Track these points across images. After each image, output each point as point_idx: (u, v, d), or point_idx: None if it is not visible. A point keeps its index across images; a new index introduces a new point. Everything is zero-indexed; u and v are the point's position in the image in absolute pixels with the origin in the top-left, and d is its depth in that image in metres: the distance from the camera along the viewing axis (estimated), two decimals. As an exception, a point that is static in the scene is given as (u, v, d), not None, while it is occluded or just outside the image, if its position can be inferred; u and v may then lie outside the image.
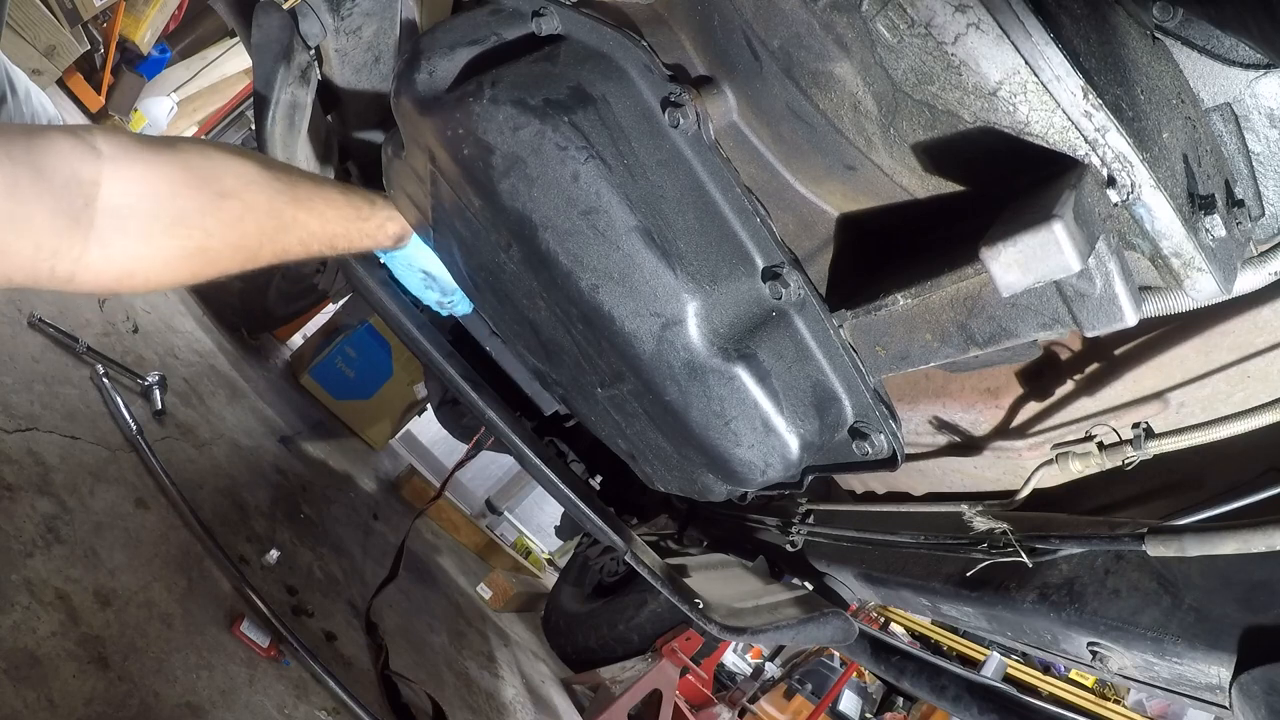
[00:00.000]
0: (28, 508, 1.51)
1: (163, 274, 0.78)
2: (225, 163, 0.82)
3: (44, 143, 0.66)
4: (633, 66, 0.83)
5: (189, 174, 0.77)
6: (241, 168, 0.83)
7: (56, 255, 0.67)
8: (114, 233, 0.71)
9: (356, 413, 4.24)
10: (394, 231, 1.11)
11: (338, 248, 1.00)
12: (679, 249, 0.83)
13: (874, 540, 1.38)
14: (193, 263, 0.79)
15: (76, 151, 0.68)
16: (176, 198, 0.76)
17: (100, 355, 2.22)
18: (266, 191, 0.85)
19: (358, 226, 1.03)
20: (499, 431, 1.31)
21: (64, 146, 0.67)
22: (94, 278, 0.71)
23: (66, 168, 0.67)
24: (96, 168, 0.69)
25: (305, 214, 0.91)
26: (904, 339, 0.85)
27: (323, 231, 0.94)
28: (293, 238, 0.90)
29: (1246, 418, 0.78)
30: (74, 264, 0.69)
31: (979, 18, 0.62)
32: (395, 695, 2.12)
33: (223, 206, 0.80)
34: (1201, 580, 0.91)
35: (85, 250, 0.69)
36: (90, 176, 0.68)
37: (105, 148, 0.70)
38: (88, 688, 1.31)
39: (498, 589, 3.82)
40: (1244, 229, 0.70)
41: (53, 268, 0.67)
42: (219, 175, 0.81)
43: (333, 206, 0.97)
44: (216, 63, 4.76)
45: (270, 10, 1.12)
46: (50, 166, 0.65)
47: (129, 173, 0.72)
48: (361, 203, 1.04)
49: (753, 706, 4.78)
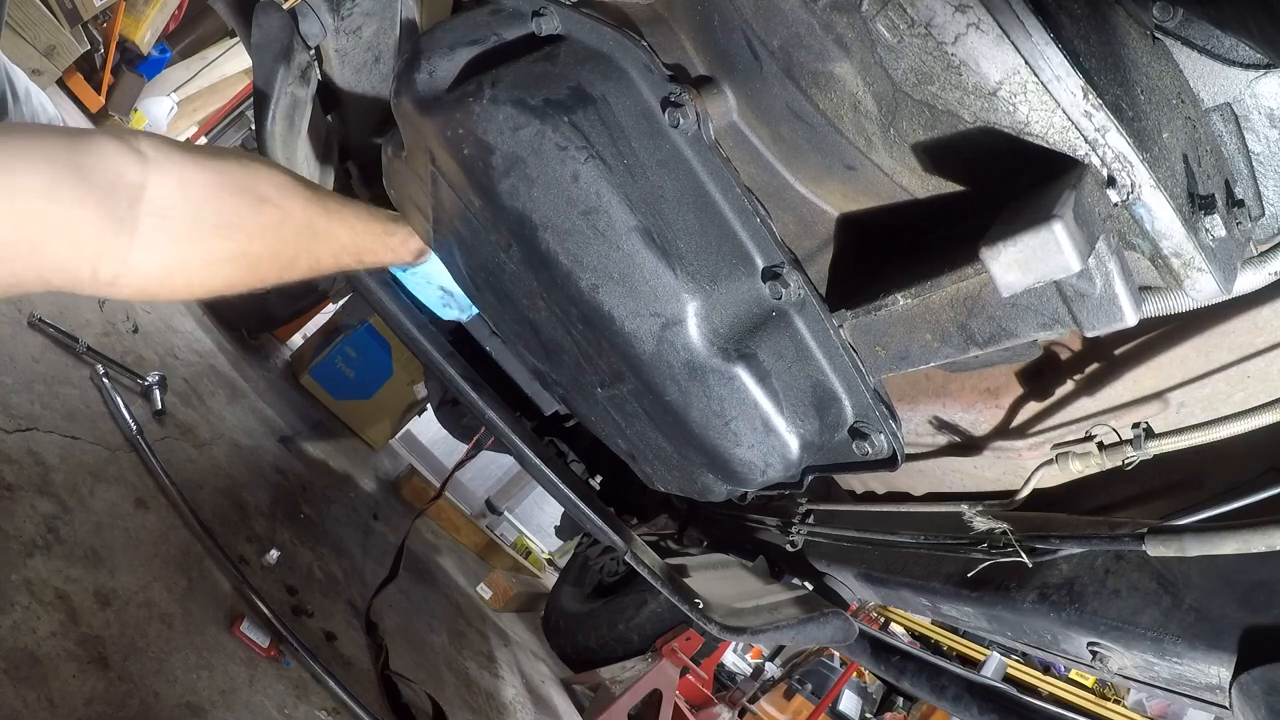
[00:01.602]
0: (28, 508, 1.51)
1: (205, 278, 0.78)
2: (263, 171, 0.83)
3: (88, 145, 0.66)
4: (633, 66, 0.83)
5: (231, 179, 0.78)
6: (278, 177, 0.85)
7: (99, 258, 0.67)
8: (158, 234, 0.71)
9: (356, 413, 4.24)
10: (416, 247, 1.12)
11: (365, 261, 1.02)
12: (679, 249, 0.83)
13: (874, 540, 1.38)
14: (235, 267, 0.80)
15: (121, 154, 0.68)
16: (219, 201, 0.76)
17: (100, 355, 2.22)
18: (301, 200, 0.86)
19: (384, 241, 1.05)
20: (499, 431, 1.31)
21: (108, 149, 0.67)
22: (138, 280, 0.71)
23: (111, 170, 0.67)
24: (143, 170, 0.69)
25: (337, 226, 0.92)
26: (904, 339, 0.85)
27: (353, 244, 0.96)
28: (325, 249, 0.92)
29: (1246, 418, 0.78)
30: (119, 265, 0.69)
31: (979, 18, 0.62)
32: (395, 695, 2.12)
33: (263, 211, 0.81)
34: (1201, 580, 0.91)
35: (129, 252, 0.69)
36: (135, 179, 0.68)
37: (150, 151, 0.70)
38: (88, 688, 1.31)
39: (498, 589, 3.82)
40: (1244, 229, 0.70)
41: (95, 270, 0.67)
42: (258, 181, 0.82)
43: (361, 220, 0.99)
44: (216, 63, 4.76)
45: (270, 10, 1.12)
46: (94, 168, 0.65)
47: (174, 175, 0.72)
48: (387, 219, 1.06)
49: (753, 706, 4.78)
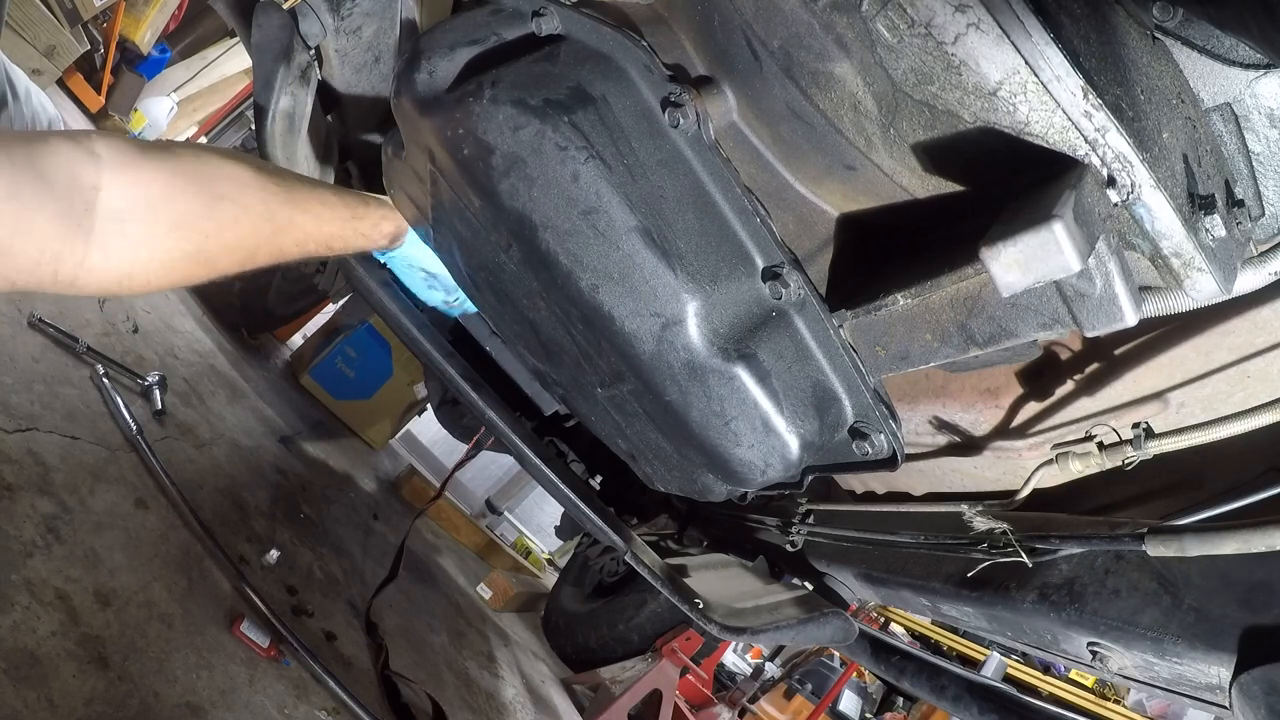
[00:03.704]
0: (28, 508, 1.51)
1: (162, 276, 0.79)
2: (221, 166, 0.83)
3: (44, 148, 0.67)
4: (633, 66, 0.83)
5: (186, 178, 0.78)
6: (237, 171, 0.84)
7: (59, 259, 0.68)
8: (114, 236, 0.71)
9: (356, 413, 4.24)
10: (389, 231, 1.11)
11: (334, 248, 1.01)
12: (679, 249, 0.82)
13: (874, 540, 1.38)
14: (191, 264, 0.80)
15: (76, 157, 0.68)
16: (174, 201, 0.77)
17: (100, 355, 2.22)
18: (261, 194, 0.86)
19: (353, 226, 1.03)
20: (499, 431, 1.31)
21: (64, 151, 0.68)
22: (95, 280, 0.72)
23: (67, 172, 0.67)
24: (96, 172, 0.69)
25: (301, 215, 0.92)
26: (904, 339, 0.85)
27: (318, 232, 0.96)
28: (289, 239, 0.91)
29: (1246, 418, 0.78)
30: (76, 267, 0.69)
31: (979, 18, 0.62)
32: (395, 695, 2.12)
33: (219, 209, 0.81)
34: (1201, 580, 0.91)
35: (87, 254, 0.70)
36: (90, 181, 0.69)
37: (104, 152, 0.71)
38: (88, 688, 1.31)
39: (498, 589, 3.82)
40: (1244, 229, 0.70)
41: (55, 271, 0.68)
42: (215, 179, 0.82)
43: (327, 207, 0.98)
44: (216, 63, 4.76)
45: (270, 10, 1.12)
46: (51, 171, 0.66)
47: (127, 177, 0.72)
48: (356, 203, 1.05)
49: (753, 706, 4.78)
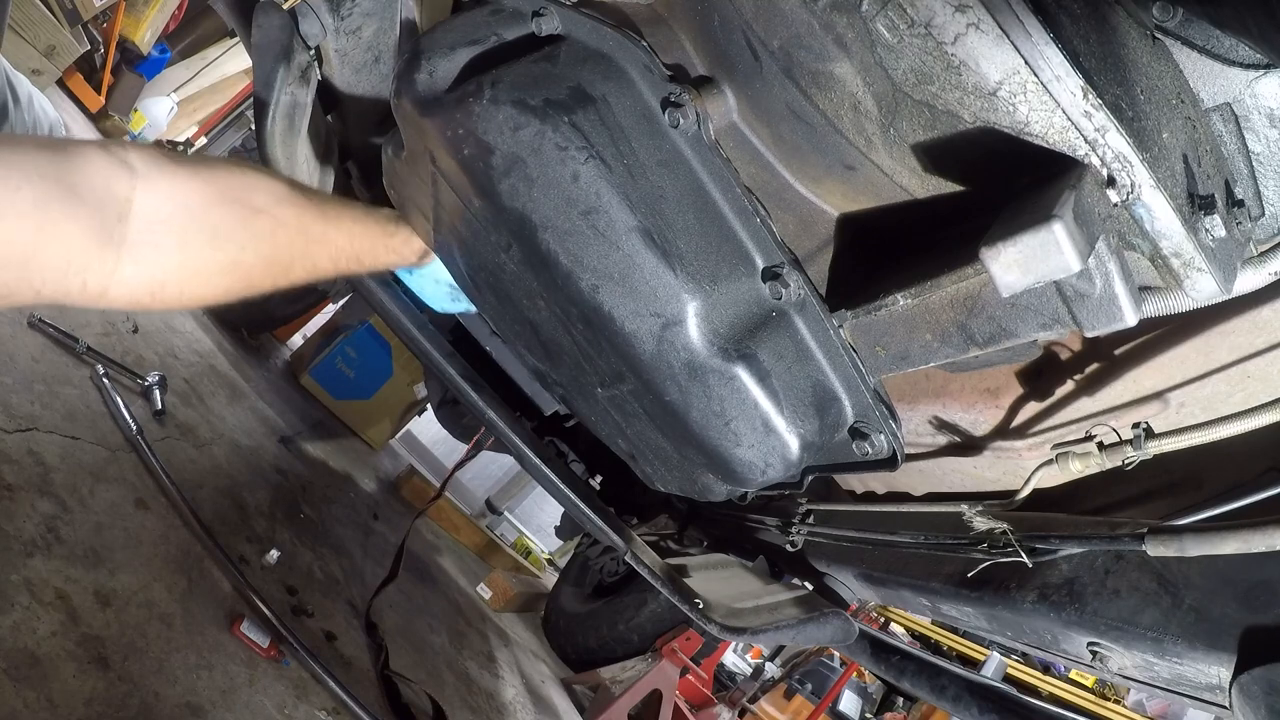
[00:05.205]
0: (28, 508, 1.51)
1: (196, 289, 0.78)
2: (256, 180, 0.83)
3: (76, 158, 0.66)
4: (633, 66, 0.83)
5: (221, 190, 0.77)
6: (271, 185, 0.84)
7: (88, 271, 0.67)
8: (147, 248, 0.70)
9: (356, 413, 4.24)
10: (419, 247, 1.12)
11: (365, 264, 1.01)
12: (679, 249, 0.82)
13: (874, 540, 1.38)
14: (227, 278, 0.79)
15: (110, 167, 0.67)
16: (210, 213, 0.76)
17: (100, 355, 2.22)
18: (295, 208, 0.86)
19: (384, 243, 1.04)
20: (499, 431, 1.31)
21: (97, 162, 0.67)
22: (128, 291, 0.71)
23: (100, 183, 0.66)
24: (130, 183, 0.68)
25: (334, 230, 0.92)
26: (904, 339, 0.85)
27: (350, 248, 0.96)
28: (323, 253, 0.91)
29: (1246, 418, 0.78)
30: (107, 278, 0.68)
31: (979, 18, 0.62)
32: (395, 695, 2.12)
33: (255, 221, 0.80)
34: (1201, 580, 0.91)
35: (118, 266, 0.68)
36: (124, 192, 0.68)
37: (138, 163, 0.70)
38: (88, 688, 1.31)
39: (498, 589, 3.82)
40: (1244, 229, 0.70)
41: (85, 282, 0.67)
42: (250, 191, 0.81)
43: (360, 224, 0.98)
44: (216, 63, 4.77)
45: (270, 10, 1.12)
46: (82, 182, 0.65)
47: (162, 187, 0.71)
48: (387, 219, 1.06)
49: (753, 706, 4.78)
